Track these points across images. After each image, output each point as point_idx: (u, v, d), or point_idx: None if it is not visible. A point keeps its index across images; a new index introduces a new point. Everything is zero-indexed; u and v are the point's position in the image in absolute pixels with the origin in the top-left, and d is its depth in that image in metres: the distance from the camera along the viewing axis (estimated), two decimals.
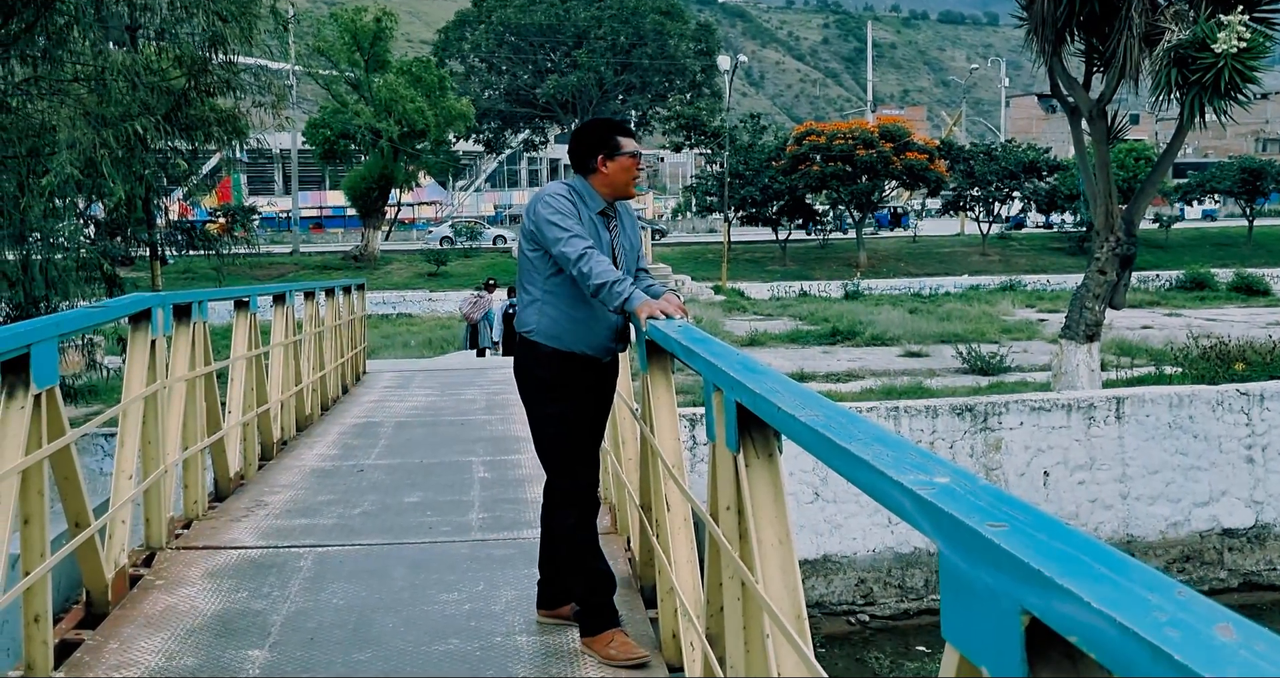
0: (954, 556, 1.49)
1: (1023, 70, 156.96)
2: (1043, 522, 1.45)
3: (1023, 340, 24.15)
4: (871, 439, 1.98)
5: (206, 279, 31.67)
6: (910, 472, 1.72)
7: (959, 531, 1.47)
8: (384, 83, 43.38)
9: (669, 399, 4.37)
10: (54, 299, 11.47)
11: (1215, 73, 13.31)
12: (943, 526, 1.52)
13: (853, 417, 2.21)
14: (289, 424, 9.38)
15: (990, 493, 1.59)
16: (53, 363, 4.22)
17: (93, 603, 4.88)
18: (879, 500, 1.80)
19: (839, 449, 1.97)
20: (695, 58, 69.94)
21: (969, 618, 1.46)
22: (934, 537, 1.56)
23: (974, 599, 1.43)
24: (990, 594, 1.38)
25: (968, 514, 1.47)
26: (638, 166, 4.52)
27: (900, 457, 1.84)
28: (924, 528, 1.60)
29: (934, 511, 1.55)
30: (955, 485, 1.64)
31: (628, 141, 4.50)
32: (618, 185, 4.48)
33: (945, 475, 1.69)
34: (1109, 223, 15.54)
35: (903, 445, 1.93)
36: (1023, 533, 1.40)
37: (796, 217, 47.68)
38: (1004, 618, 1.35)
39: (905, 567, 14.22)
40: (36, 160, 11.21)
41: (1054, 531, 1.41)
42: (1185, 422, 14.59)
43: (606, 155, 4.48)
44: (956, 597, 1.49)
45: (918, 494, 1.61)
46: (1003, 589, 1.35)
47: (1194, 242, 52.13)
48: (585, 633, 4.43)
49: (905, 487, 1.65)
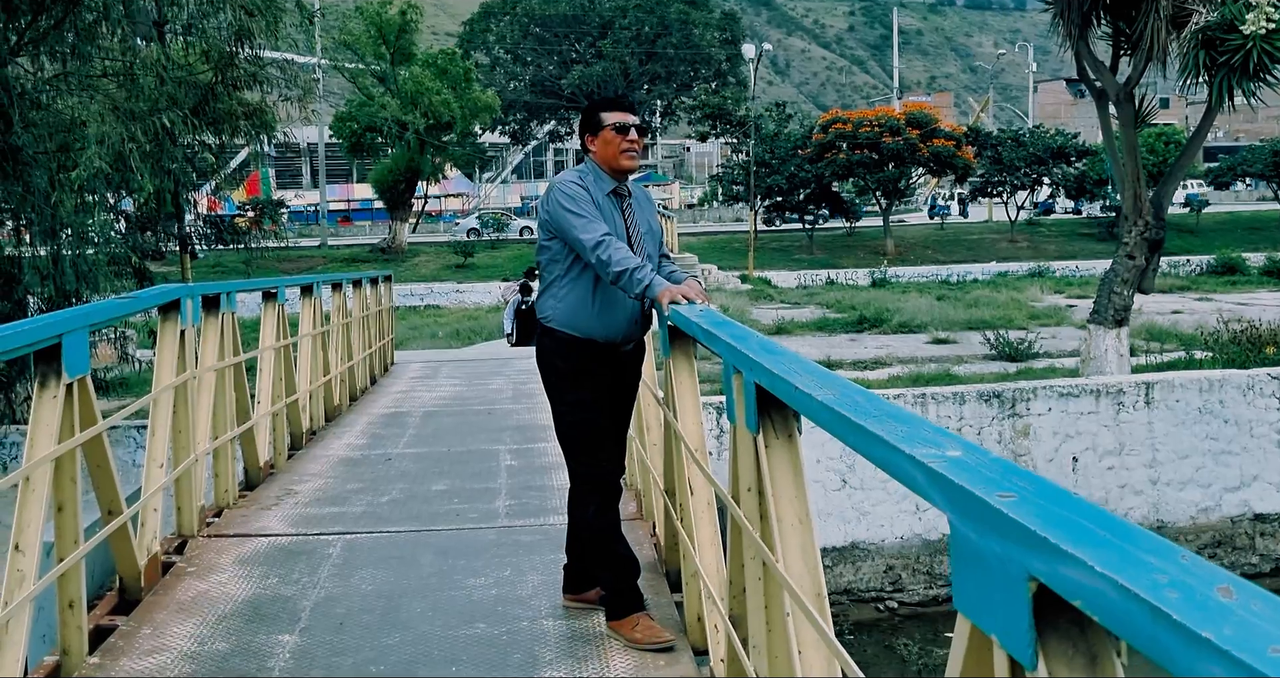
0: (964, 526, 1.51)
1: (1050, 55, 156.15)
2: (1051, 491, 1.47)
3: (1051, 326, 24.04)
4: (886, 416, 2.00)
5: (236, 273, 31.87)
6: (922, 446, 1.74)
7: (969, 501, 1.48)
8: (410, 75, 43.48)
9: (692, 384, 4.39)
10: (85, 292, 11.59)
11: (1244, 54, 13.19)
12: (953, 497, 1.54)
13: (869, 395, 2.23)
14: (318, 414, 9.45)
15: (1001, 465, 1.61)
16: (84, 353, 4.28)
17: (126, 590, 4.95)
18: (893, 475, 1.82)
19: (854, 426, 2.00)
20: (720, 47, 69.73)
21: (979, 588, 1.48)
22: (945, 509, 1.58)
23: (983, 569, 1.45)
24: (999, 563, 1.40)
25: (977, 485, 1.49)
26: (626, 138, 4.45)
27: (914, 432, 1.86)
28: (936, 500, 1.62)
29: (944, 482, 1.57)
30: (966, 458, 1.66)
31: (609, 115, 4.49)
32: (609, 160, 4.48)
33: (957, 449, 1.71)
34: (1137, 207, 15.43)
35: (917, 421, 1.95)
36: (1030, 502, 1.41)
37: (823, 205, 47.52)
38: (1012, 586, 1.37)
39: (934, 554, 14.20)
40: (67, 155, 11.32)
41: (1062, 500, 1.43)
42: (1216, 406, 14.49)
43: (592, 133, 4.53)
44: (967, 567, 1.51)
45: (929, 467, 1.63)
46: (1011, 557, 1.37)
47: (1224, 226, 51.64)
48: (611, 617, 4.46)
49: (917, 460, 1.67)
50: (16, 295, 11.23)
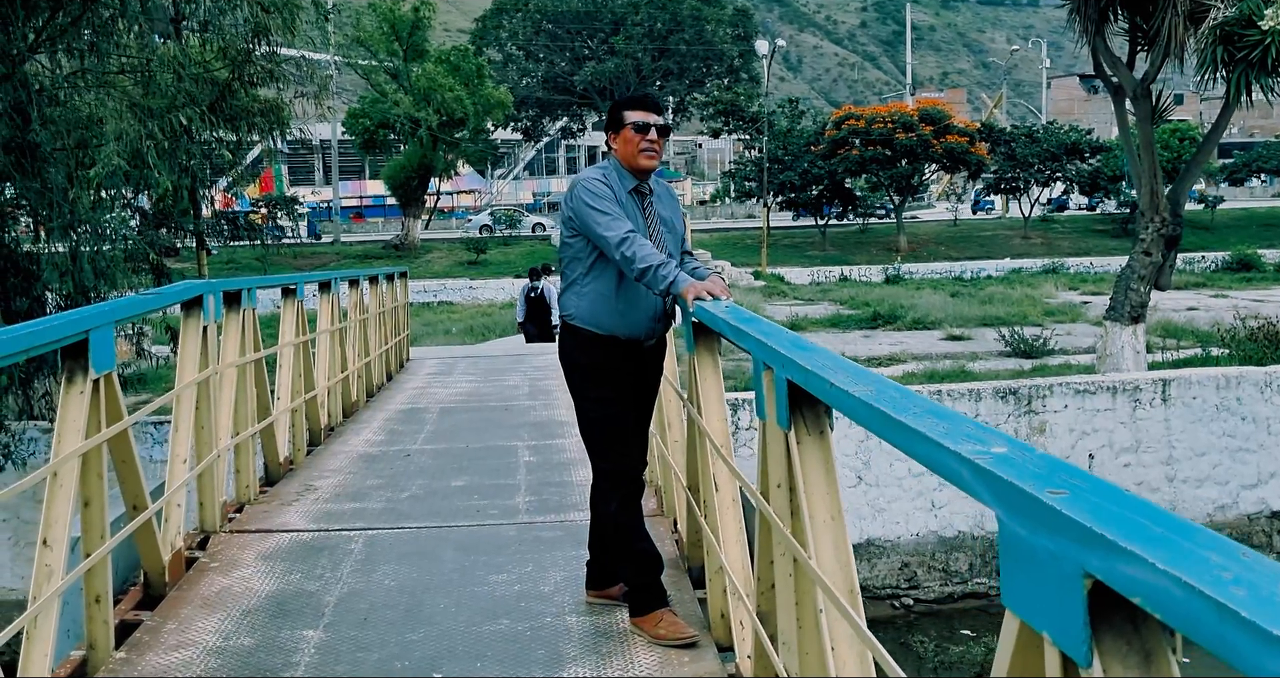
0: (1014, 523, 1.51)
1: (1064, 51, 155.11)
2: (1101, 488, 1.47)
3: (1066, 323, 23.98)
4: (925, 412, 1.99)
5: (250, 269, 31.93)
6: (967, 442, 1.74)
7: (1019, 498, 1.48)
8: (423, 72, 43.51)
9: (716, 380, 4.38)
10: (103, 289, 11.63)
11: (1262, 50, 13.14)
12: (1002, 493, 1.53)
13: (904, 391, 2.23)
14: (336, 410, 9.48)
15: (1047, 461, 1.61)
16: (110, 348, 4.29)
17: (150, 585, 4.96)
18: (936, 471, 1.81)
19: (894, 422, 1.99)
20: (732, 43, 69.66)
21: (1030, 585, 1.47)
22: (993, 505, 1.57)
23: (1035, 566, 1.45)
24: (1052, 560, 1.40)
25: (1027, 481, 1.49)
26: (645, 137, 4.45)
27: (955, 428, 1.85)
28: (983, 497, 1.62)
29: (993, 479, 1.56)
30: (1012, 454, 1.65)
31: (631, 113, 4.49)
32: (628, 158, 4.49)
33: (1002, 445, 1.71)
34: (1154, 203, 15.38)
35: (956, 417, 1.94)
36: (1083, 499, 1.41)
37: (836, 201, 47.46)
38: (1066, 583, 1.36)
39: (949, 551, 14.18)
40: (84, 152, 11.35)
41: (1113, 496, 1.42)
42: (1233, 403, 14.43)
43: (614, 131, 4.55)
44: (1016, 564, 1.51)
45: (976, 464, 1.62)
46: (1064, 554, 1.36)
47: (1239, 222, 51.44)
48: (634, 613, 4.46)
49: (963, 456, 1.67)
50: (35, 292, 11.28)
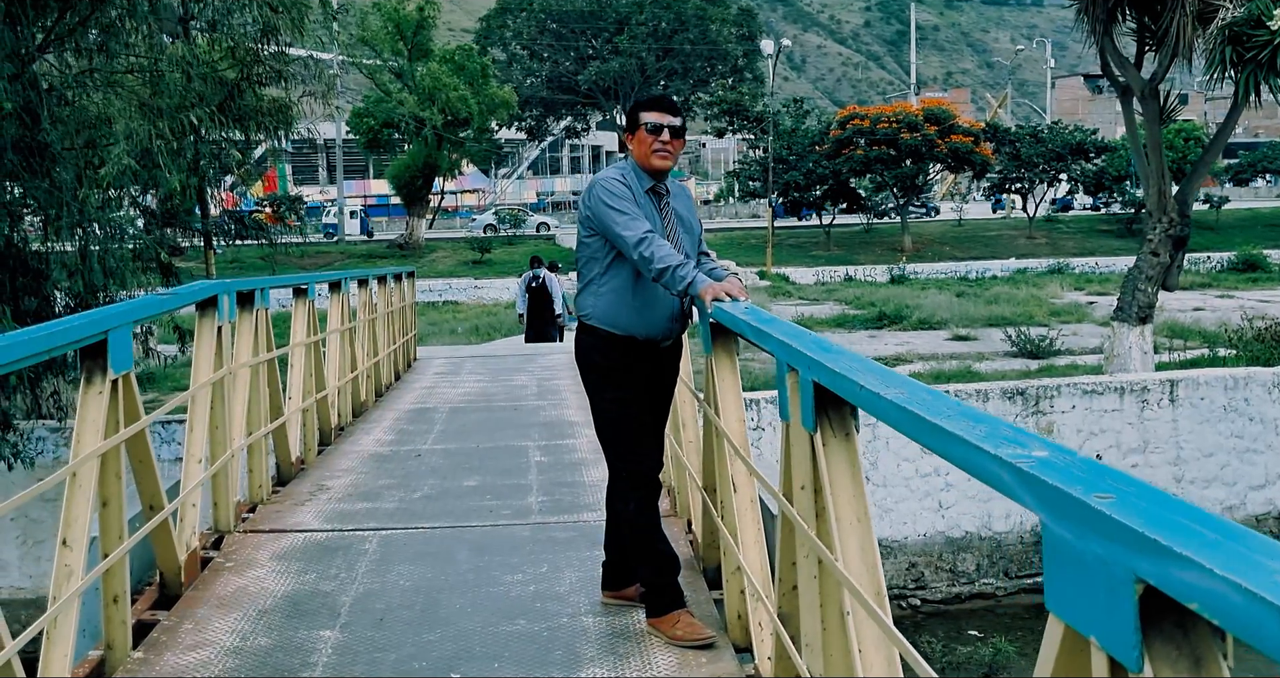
0: (1059, 527, 1.50)
1: (1068, 51, 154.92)
2: (1147, 492, 1.46)
3: (1072, 323, 23.97)
4: (961, 415, 1.99)
5: (255, 268, 31.93)
6: (1007, 446, 1.73)
7: (1065, 502, 1.48)
8: (427, 71, 43.53)
9: (734, 381, 4.38)
10: (113, 288, 11.64)
11: (1271, 50, 13.13)
12: (1047, 498, 1.53)
13: (935, 393, 2.23)
14: (345, 410, 9.48)
15: (1090, 465, 1.61)
16: (128, 349, 4.29)
17: (166, 584, 4.96)
18: (973, 474, 1.81)
19: (930, 425, 1.99)
20: (737, 42, 69.69)
21: (1076, 589, 1.47)
22: (1037, 509, 1.57)
23: (1082, 570, 1.44)
24: (1100, 565, 1.40)
25: (1073, 486, 1.48)
26: (659, 138, 4.45)
27: (993, 431, 1.85)
28: (1025, 501, 1.61)
29: (1036, 483, 1.56)
30: (1054, 458, 1.65)
31: (647, 114, 4.50)
32: (642, 159, 4.50)
33: (1043, 449, 1.70)
34: (1162, 204, 15.37)
35: (991, 420, 1.94)
36: (1131, 503, 1.41)
37: (840, 201, 47.44)
38: (1116, 588, 1.36)
39: (956, 551, 14.18)
40: (94, 152, 11.36)
41: (1160, 500, 1.42)
42: (1241, 404, 14.43)
43: (630, 132, 4.56)
44: (1062, 568, 1.50)
45: (1018, 468, 1.62)
46: (1114, 559, 1.36)
47: (1245, 222, 51.39)
48: (651, 614, 4.46)
49: (1005, 460, 1.66)
50: (45, 291, 11.29)
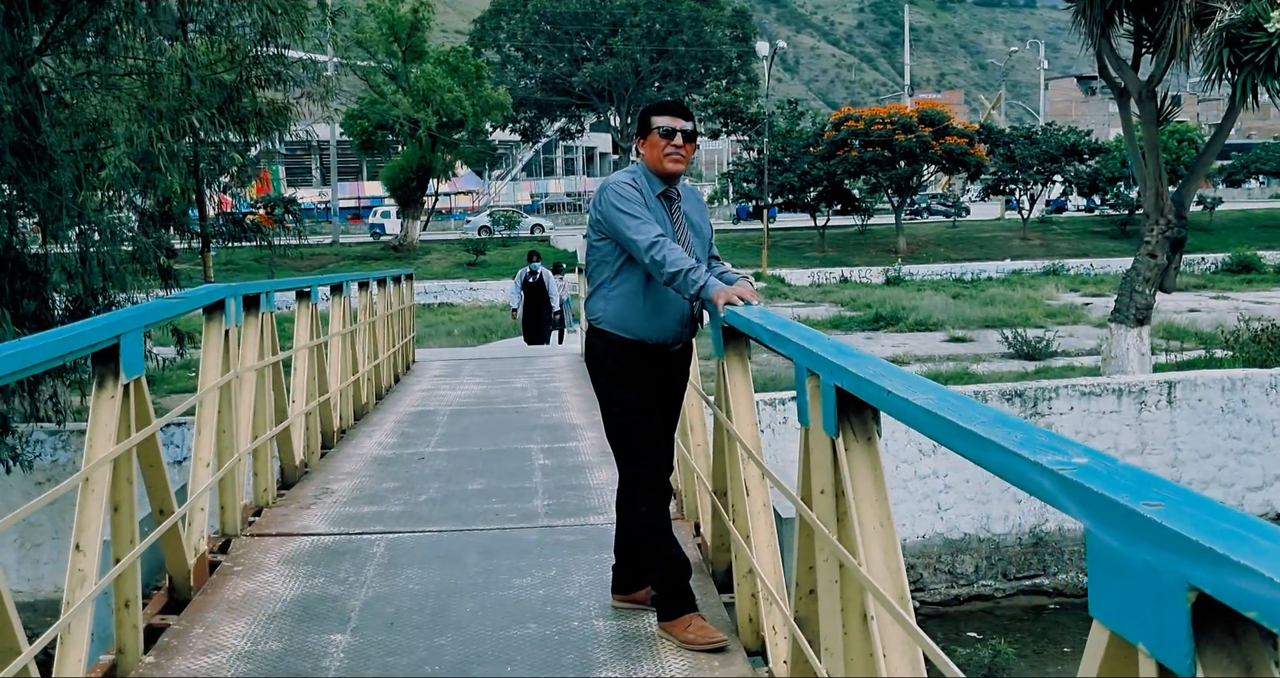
0: (1105, 534, 1.50)
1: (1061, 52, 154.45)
2: (1194, 499, 1.47)
3: (1068, 325, 24.02)
4: (994, 421, 1.99)
5: (248, 270, 31.90)
6: (1046, 452, 1.74)
7: (1113, 510, 1.48)
8: (421, 73, 43.49)
9: (746, 384, 4.38)
10: (112, 291, 11.61)
11: (1269, 52, 13.16)
12: (1092, 505, 1.53)
13: (965, 399, 2.23)
14: (347, 413, 9.47)
15: (1132, 472, 1.61)
16: (140, 353, 4.29)
17: (175, 589, 4.96)
18: (1012, 481, 1.81)
19: (963, 431, 1.99)
20: (731, 44, 69.67)
21: (1123, 596, 1.47)
22: (1081, 516, 1.57)
23: (1130, 578, 1.44)
24: (1150, 572, 1.40)
25: (1119, 493, 1.49)
26: (671, 142, 4.45)
27: (1029, 438, 1.85)
28: (1068, 508, 1.62)
29: (1082, 490, 1.56)
30: (1095, 465, 1.65)
31: (658, 118, 4.50)
32: (654, 163, 4.50)
33: (1082, 455, 1.71)
34: (1159, 205, 15.40)
35: (1026, 426, 1.94)
36: (1180, 510, 1.41)
37: (835, 202, 47.47)
38: (1167, 595, 1.36)
39: (955, 553, 14.19)
40: (93, 154, 11.33)
41: (1208, 507, 1.43)
42: (1238, 405, 14.46)
43: (642, 136, 4.57)
44: (1108, 576, 1.50)
45: (1060, 475, 1.62)
46: (1166, 567, 1.36)
47: (1238, 223, 51.51)
48: (663, 618, 4.46)
49: (1045, 467, 1.67)
50: (44, 294, 11.26)
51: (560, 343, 19.96)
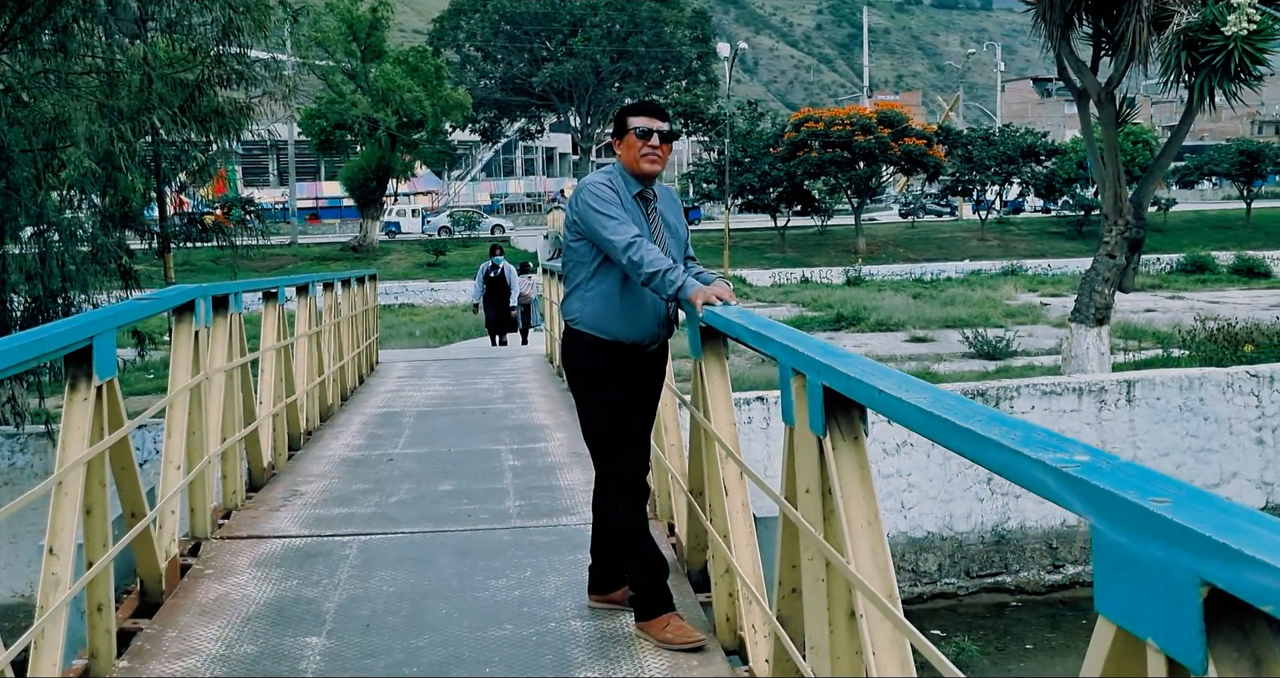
0: (1112, 532, 1.52)
1: (1017, 55, 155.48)
2: (1199, 495, 1.49)
3: (1027, 324, 24.23)
4: (990, 420, 2.01)
5: (206, 271, 31.64)
6: (1046, 450, 1.75)
7: (1120, 506, 1.49)
8: (381, 73, 43.31)
9: (724, 384, 4.40)
10: (72, 292, 11.47)
11: (1225, 55, 13.32)
12: (1099, 502, 1.55)
13: (956, 397, 2.24)
14: (314, 415, 9.41)
15: (1133, 469, 1.63)
16: (112, 354, 4.24)
17: (146, 592, 4.91)
18: (1012, 479, 1.82)
19: (961, 430, 2.00)
20: (691, 45, 69.84)
21: (1132, 592, 1.48)
22: (1087, 513, 1.58)
23: (1139, 574, 1.46)
24: (1160, 568, 1.41)
25: (1127, 490, 1.50)
26: (648, 143, 4.47)
27: (1028, 436, 1.87)
28: (1072, 505, 1.63)
29: (1087, 487, 1.58)
30: (1097, 462, 1.67)
31: (635, 119, 4.52)
32: (631, 163, 4.51)
33: (1084, 453, 1.72)
34: (1118, 207, 15.56)
35: (1024, 425, 1.96)
36: (1188, 507, 1.43)
37: (795, 203, 47.66)
38: (1178, 591, 1.38)
39: (918, 551, 14.27)
40: (53, 154, 11.19)
41: (1214, 503, 1.44)
42: (1196, 404, 14.63)
43: (618, 137, 4.58)
44: (1115, 571, 1.52)
45: (1065, 472, 1.64)
46: (1177, 563, 1.38)
47: (1192, 224, 52.17)
48: (640, 618, 4.46)
49: (1049, 465, 1.68)
50: (3, 296, 11.10)
51: (524, 343, 19.90)
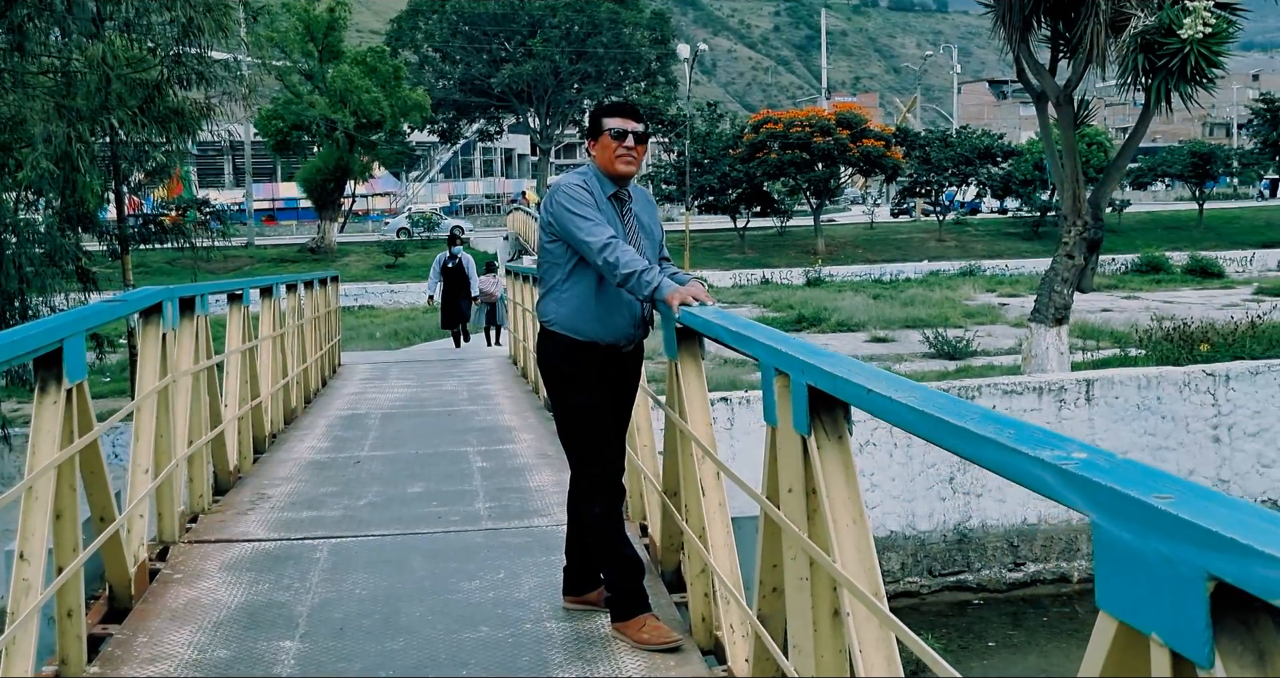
0: (1115, 528, 1.53)
1: (972, 57, 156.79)
2: (1201, 491, 1.50)
3: (986, 324, 24.42)
4: (984, 418, 2.02)
5: (162, 273, 31.25)
6: (1044, 448, 1.76)
7: (1123, 503, 1.51)
8: (338, 73, 43.06)
9: (700, 384, 4.40)
10: (30, 294, 11.32)
11: (1181, 58, 13.50)
12: (1101, 499, 1.56)
13: (945, 395, 2.26)
14: (278, 417, 9.34)
15: (1131, 465, 1.64)
16: (83, 357, 4.19)
17: (115, 597, 4.85)
18: (1009, 477, 1.84)
19: (956, 429, 2.01)
20: (650, 46, 69.86)
21: (1134, 588, 1.49)
22: (1088, 510, 1.60)
23: (1143, 569, 1.47)
24: (1165, 564, 1.42)
25: (1129, 487, 1.52)
26: (623, 144, 4.47)
27: (1022, 434, 1.88)
28: (1072, 502, 1.64)
29: (1087, 484, 1.59)
30: (1095, 460, 1.68)
31: (609, 120, 4.52)
32: (606, 164, 4.51)
33: (1081, 450, 1.74)
34: (1076, 207, 15.72)
35: (1016, 422, 1.97)
36: (1192, 502, 1.44)
37: (755, 204, 47.81)
38: (1184, 586, 1.39)
39: (881, 550, 14.18)
40: (8, 154, 11.03)
41: (1216, 499, 1.46)
42: (1153, 403, 14.80)
43: (593, 137, 4.58)
44: (1119, 568, 1.53)
45: (1064, 470, 1.65)
46: (1182, 558, 1.39)
47: (1145, 225, 52.80)
48: (616, 618, 4.46)
49: (1048, 463, 1.69)
50: None
51: (497, 343, 19.77)
